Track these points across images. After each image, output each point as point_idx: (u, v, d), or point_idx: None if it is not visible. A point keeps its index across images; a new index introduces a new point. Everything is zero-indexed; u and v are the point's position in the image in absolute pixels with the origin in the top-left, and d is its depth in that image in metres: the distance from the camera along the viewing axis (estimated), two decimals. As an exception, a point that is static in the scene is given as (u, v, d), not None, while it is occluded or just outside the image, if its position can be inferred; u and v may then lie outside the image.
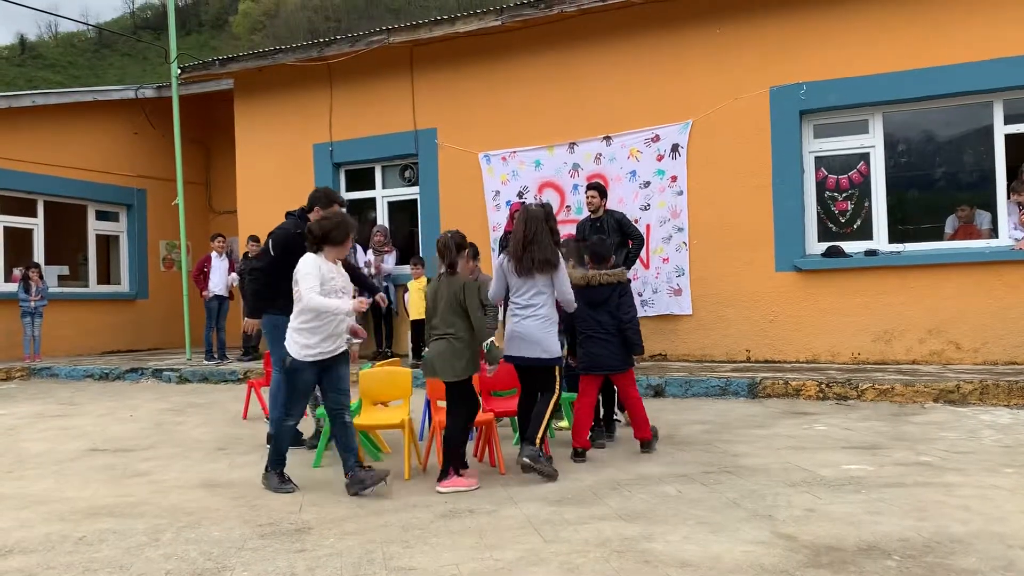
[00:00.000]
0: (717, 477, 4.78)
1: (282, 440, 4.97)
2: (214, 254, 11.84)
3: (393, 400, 5.88)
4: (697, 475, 4.85)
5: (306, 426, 6.04)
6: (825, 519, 3.86)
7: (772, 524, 3.82)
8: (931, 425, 6.13)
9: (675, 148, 9.56)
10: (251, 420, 7.51)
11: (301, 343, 4.77)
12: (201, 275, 11.74)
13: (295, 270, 4.75)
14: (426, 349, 4.97)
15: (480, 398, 5.72)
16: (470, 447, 5.85)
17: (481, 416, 5.34)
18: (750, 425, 6.41)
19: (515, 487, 4.74)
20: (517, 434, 6.07)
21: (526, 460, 4.85)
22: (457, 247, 4.94)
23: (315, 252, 4.81)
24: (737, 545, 3.53)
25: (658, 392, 8.01)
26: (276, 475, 4.89)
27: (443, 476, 4.75)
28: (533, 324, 5.08)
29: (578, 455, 5.38)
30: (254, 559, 3.60)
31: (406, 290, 10.52)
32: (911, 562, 3.25)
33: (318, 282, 4.66)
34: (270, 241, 5.91)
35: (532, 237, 5.07)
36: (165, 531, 4.07)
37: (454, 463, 4.80)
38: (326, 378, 4.87)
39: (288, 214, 6.06)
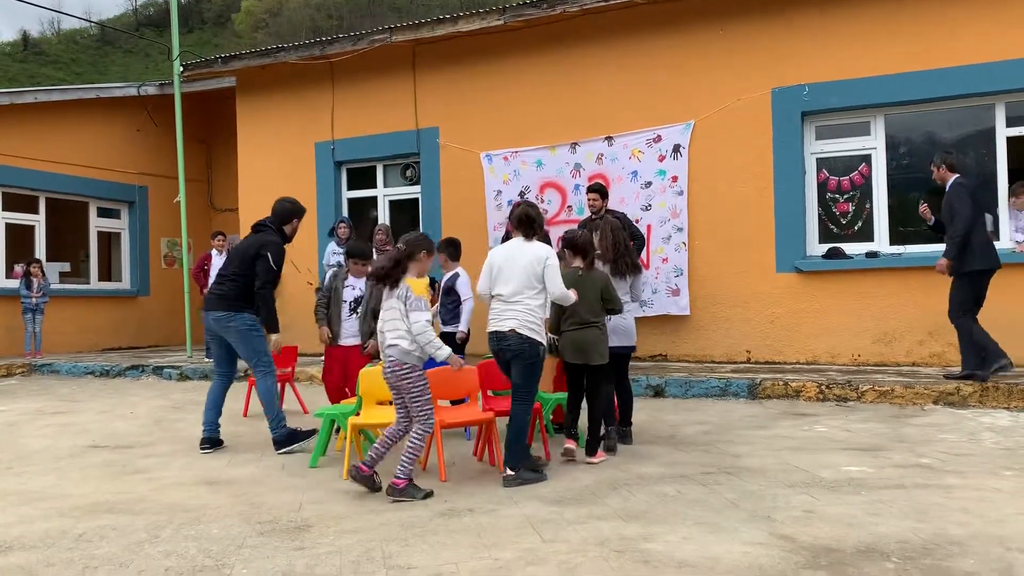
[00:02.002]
0: (716, 478, 4.78)
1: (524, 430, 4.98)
2: (214, 252, 11.83)
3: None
4: (696, 476, 4.85)
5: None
6: (824, 520, 3.87)
7: (771, 525, 3.82)
8: (931, 427, 6.13)
9: (677, 149, 9.56)
10: (251, 418, 7.52)
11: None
12: (202, 273, 11.74)
13: (548, 263, 4.96)
14: (565, 334, 5.37)
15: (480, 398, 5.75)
16: (469, 446, 5.88)
17: (481, 415, 5.36)
18: (750, 426, 6.41)
19: (515, 486, 4.74)
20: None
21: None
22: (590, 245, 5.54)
23: (528, 239, 5.09)
24: (736, 546, 3.53)
25: (658, 392, 8.02)
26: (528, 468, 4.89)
27: (593, 451, 5.32)
28: (630, 317, 5.91)
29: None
30: (253, 556, 3.60)
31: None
32: (910, 564, 3.25)
33: None
34: (270, 257, 6.03)
35: (624, 245, 5.88)
36: (165, 528, 4.08)
37: (599, 438, 5.41)
38: None
39: (262, 226, 6.24)
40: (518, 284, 4.93)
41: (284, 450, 5.93)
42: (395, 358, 4.68)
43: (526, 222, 5.06)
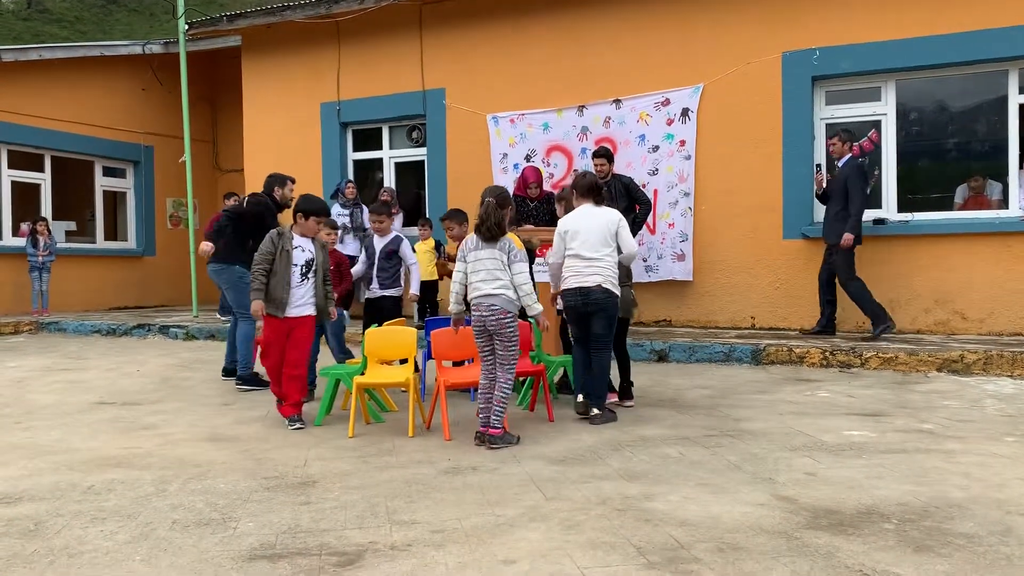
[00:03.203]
0: (719, 440, 4.81)
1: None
2: None
3: (398, 359, 5.92)
4: (699, 438, 4.88)
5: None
6: (825, 483, 3.90)
7: (772, 487, 3.85)
8: (934, 394, 6.15)
9: (685, 112, 9.48)
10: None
11: None
12: None
13: (621, 224, 5.43)
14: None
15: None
16: (473, 407, 5.91)
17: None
18: (753, 391, 6.43)
19: (518, 445, 4.78)
20: (519, 394, 6.14)
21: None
22: None
23: (597, 204, 5.55)
24: (737, 506, 3.57)
25: (662, 357, 8.04)
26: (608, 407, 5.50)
27: (628, 395, 5.95)
28: None
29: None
30: (259, 510, 3.65)
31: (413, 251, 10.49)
32: (909, 525, 3.28)
33: None
34: (267, 219, 7.01)
35: None
36: (172, 482, 4.13)
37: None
38: None
39: (258, 195, 7.34)
40: (596, 243, 5.36)
41: (242, 387, 6.91)
42: (500, 307, 4.90)
43: (595, 190, 5.57)
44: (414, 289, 6.85)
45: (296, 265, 5.53)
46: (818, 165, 8.56)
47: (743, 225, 9.22)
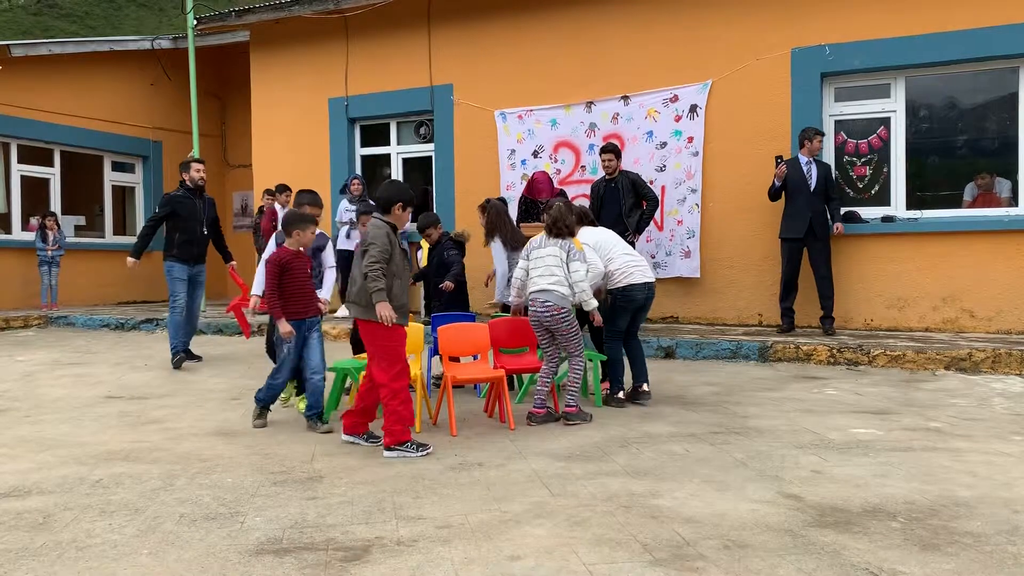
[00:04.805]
0: (725, 437, 4.81)
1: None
2: (278, 206, 11.19)
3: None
4: (705, 435, 4.88)
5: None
6: (831, 481, 3.89)
7: (778, 484, 3.85)
8: (941, 392, 6.13)
9: (693, 109, 9.46)
10: (262, 373, 7.58)
11: None
12: (272, 228, 11.34)
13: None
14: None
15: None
16: (480, 403, 5.93)
17: (493, 372, 5.40)
18: (760, 388, 6.42)
19: (524, 442, 4.79)
20: (522, 390, 6.16)
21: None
22: None
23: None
24: (743, 503, 3.56)
25: (669, 354, 8.03)
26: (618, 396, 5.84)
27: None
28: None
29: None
30: (267, 505, 3.66)
31: (419, 248, 10.51)
32: (916, 524, 3.28)
33: None
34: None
35: None
36: (179, 476, 4.15)
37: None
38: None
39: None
40: (628, 247, 5.94)
41: (179, 364, 7.81)
42: (553, 303, 5.23)
43: (588, 216, 6.10)
44: (325, 294, 5.88)
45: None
46: (780, 157, 8.56)
47: (751, 222, 9.19)
